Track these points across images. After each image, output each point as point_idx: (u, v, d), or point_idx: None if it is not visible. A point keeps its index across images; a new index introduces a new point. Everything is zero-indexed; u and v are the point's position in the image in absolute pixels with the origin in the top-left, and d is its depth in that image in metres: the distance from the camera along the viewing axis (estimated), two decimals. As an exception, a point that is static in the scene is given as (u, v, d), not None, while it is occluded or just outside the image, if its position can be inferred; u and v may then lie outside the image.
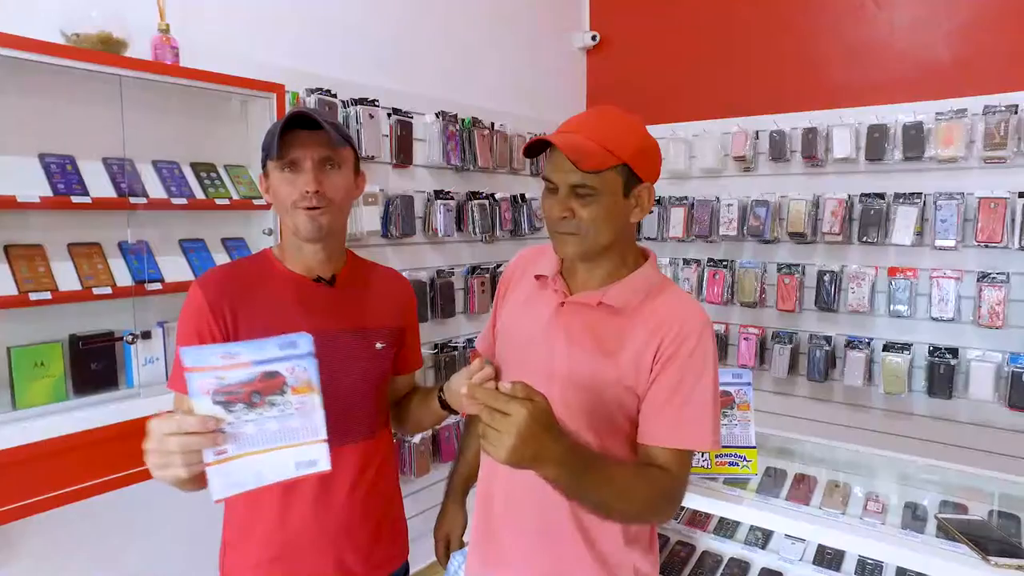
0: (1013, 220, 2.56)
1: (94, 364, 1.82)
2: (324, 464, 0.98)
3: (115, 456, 1.78)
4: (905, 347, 2.81)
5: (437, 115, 2.85)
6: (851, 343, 2.93)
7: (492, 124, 3.15)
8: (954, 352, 2.71)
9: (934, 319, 2.72)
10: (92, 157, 1.85)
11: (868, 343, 2.90)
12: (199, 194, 2.00)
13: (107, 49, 1.76)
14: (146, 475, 1.76)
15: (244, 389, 0.94)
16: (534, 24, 3.57)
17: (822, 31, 3.08)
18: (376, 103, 2.55)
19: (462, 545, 1.52)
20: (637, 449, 1.21)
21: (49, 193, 1.70)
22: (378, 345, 1.30)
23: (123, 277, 1.86)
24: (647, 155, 1.15)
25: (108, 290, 1.80)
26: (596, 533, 1.20)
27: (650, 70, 3.62)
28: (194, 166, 2.06)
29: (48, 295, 1.67)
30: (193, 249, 2.05)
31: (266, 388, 0.95)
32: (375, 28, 2.72)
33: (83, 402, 1.77)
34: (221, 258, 2.10)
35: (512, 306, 1.33)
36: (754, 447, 1.53)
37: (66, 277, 1.75)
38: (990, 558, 1.13)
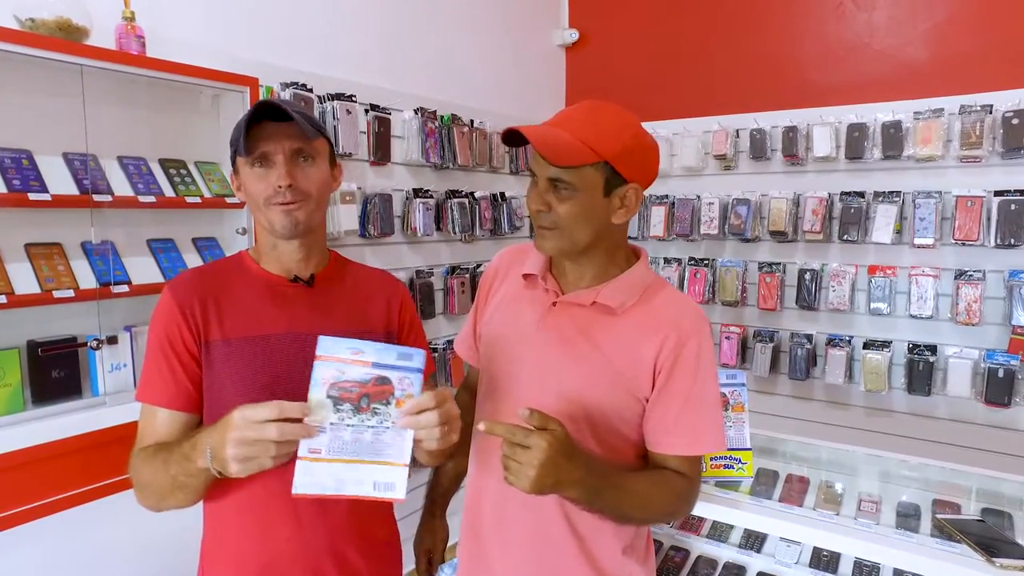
0: (989, 219, 2.59)
1: (55, 372, 1.72)
2: (400, 492, 0.97)
3: (80, 469, 1.68)
4: (885, 344, 2.83)
5: (416, 111, 2.78)
6: (832, 341, 2.94)
7: (471, 121, 3.09)
8: (933, 349, 2.73)
9: (913, 317, 2.74)
10: (51, 152, 1.74)
11: (849, 341, 2.91)
12: (168, 192, 1.91)
13: (66, 36, 1.66)
14: (113, 489, 1.72)
15: (357, 389, 0.96)
16: (513, 20, 3.52)
17: (802, 30, 3.09)
18: (353, 98, 2.47)
19: (444, 559, 1.47)
20: (644, 452, 1.18)
21: (3, 189, 1.59)
22: None
23: (87, 279, 1.75)
24: (635, 155, 1.10)
25: (71, 293, 1.70)
26: (593, 544, 1.17)
27: (630, 68, 3.60)
28: (163, 162, 1.96)
29: (3, 299, 1.57)
30: (162, 249, 1.95)
31: (375, 394, 0.97)
32: (352, 22, 2.64)
33: (43, 412, 1.66)
34: (192, 258, 2.01)
35: (498, 306, 1.28)
36: (749, 449, 1.50)
37: (23, 279, 1.65)
38: (995, 560, 1.12)
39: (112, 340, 1.78)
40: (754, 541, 1.56)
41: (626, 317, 1.14)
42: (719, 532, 1.60)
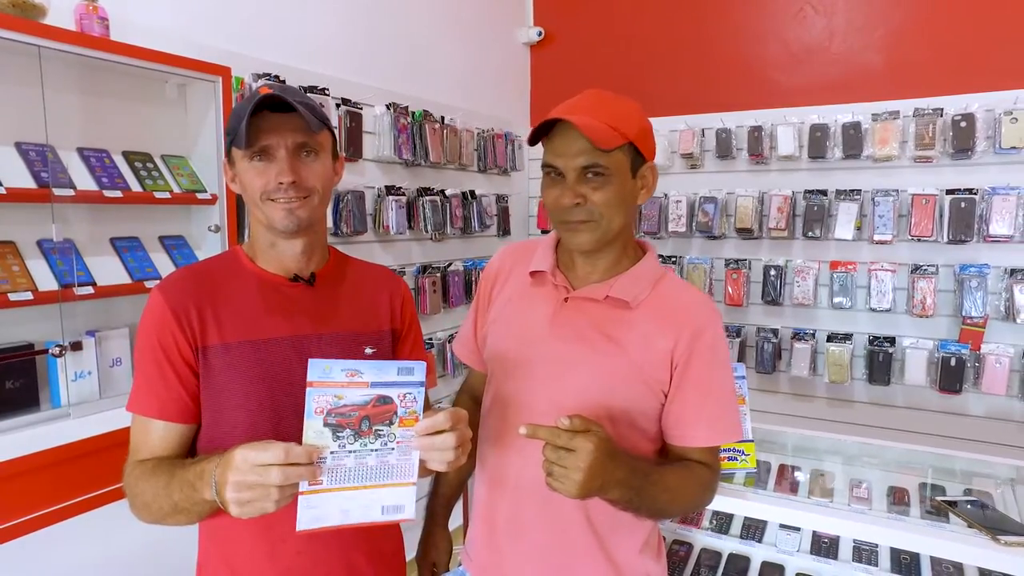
0: (941, 215, 2.73)
1: (10, 382, 1.58)
2: (409, 512, 0.94)
3: (43, 489, 1.54)
4: (847, 337, 2.94)
5: (388, 107, 2.71)
6: (797, 335, 3.04)
7: (442, 118, 3.03)
8: (891, 341, 2.86)
9: (872, 310, 2.87)
10: (3, 142, 1.60)
11: (813, 334, 3.01)
12: (135, 186, 1.78)
13: (20, 14, 1.53)
14: (83, 507, 1.58)
15: (356, 413, 0.90)
16: (479, 18, 3.48)
17: (765, 32, 3.18)
18: (326, 92, 2.38)
19: (448, 570, 1.42)
20: (660, 445, 1.18)
21: (-47, 182, 1.45)
22: (367, 350, 1.17)
23: (46, 280, 1.62)
24: (648, 133, 1.13)
25: (28, 296, 1.56)
26: (611, 543, 1.16)
27: (595, 67, 3.62)
28: (127, 155, 1.83)
29: (-46, 302, 1.43)
30: (127, 248, 1.82)
31: (376, 415, 0.91)
32: (324, 14, 2.54)
33: (-2, 427, 1.52)
34: (159, 257, 1.88)
35: (504, 305, 1.25)
36: (751, 440, 1.52)
37: (-25, 281, 1.50)
38: (1000, 538, 1.17)
39: (76, 346, 1.64)
40: (754, 531, 1.58)
41: (640, 310, 1.13)
42: (719, 524, 1.62)
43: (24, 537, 1.52)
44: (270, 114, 1.01)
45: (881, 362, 2.87)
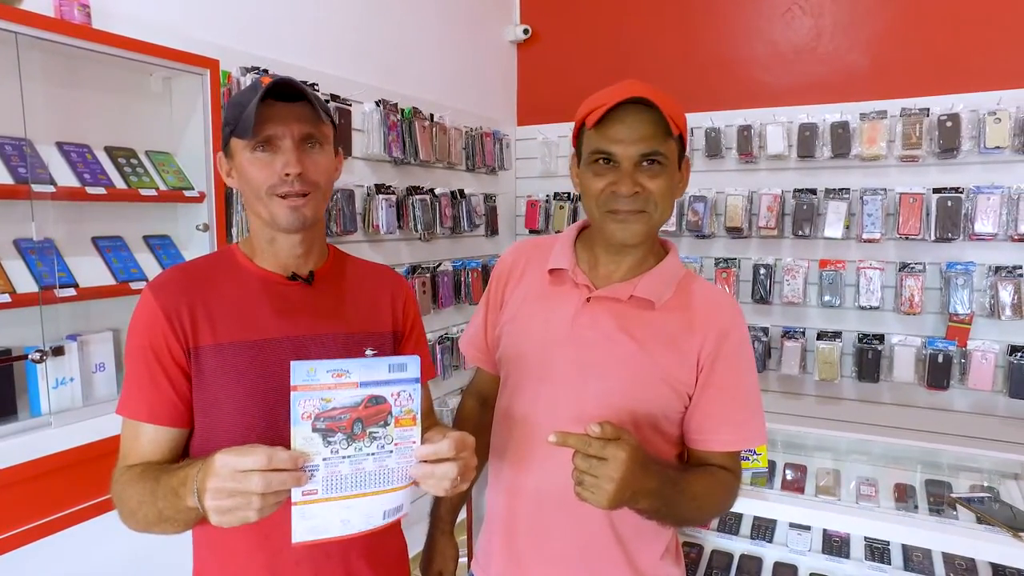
0: (928, 214, 2.77)
1: (-15, 390, 1.48)
2: (407, 507, 0.90)
3: (23, 504, 1.46)
4: (836, 335, 2.96)
5: (377, 103, 2.65)
6: (786, 333, 3.05)
7: (431, 115, 2.98)
8: (880, 338, 2.89)
9: (861, 308, 2.89)
10: (-25, 135, 1.51)
11: (802, 333, 3.03)
12: (119, 183, 1.69)
13: (-3, 1, 1.44)
14: (66, 522, 1.50)
15: (348, 415, 0.85)
16: (466, 15, 3.43)
17: (753, 32, 3.20)
18: (316, 87, 2.31)
19: None
20: (681, 449, 1.15)
21: (-74, 177, 1.35)
22: (368, 352, 1.12)
23: (24, 282, 1.53)
24: (686, 128, 1.10)
25: (6, 298, 1.47)
26: (635, 550, 1.13)
27: (582, 65, 3.60)
28: (110, 151, 1.74)
29: (-73, 306, 1.33)
30: (111, 248, 1.73)
31: (369, 417, 0.86)
32: (313, 9, 2.47)
33: (-26, 438, 1.43)
34: (144, 258, 1.80)
35: (520, 305, 1.20)
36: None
37: (-51, 283, 1.41)
38: (1022, 534, 1.16)
39: (57, 351, 1.56)
40: (764, 531, 1.57)
41: (665, 311, 1.10)
42: (729, 525, 1.60)
43: (3, 556, 1.43)
44: (275, 103, 0.97)
45: (870, 359, 2.90)
